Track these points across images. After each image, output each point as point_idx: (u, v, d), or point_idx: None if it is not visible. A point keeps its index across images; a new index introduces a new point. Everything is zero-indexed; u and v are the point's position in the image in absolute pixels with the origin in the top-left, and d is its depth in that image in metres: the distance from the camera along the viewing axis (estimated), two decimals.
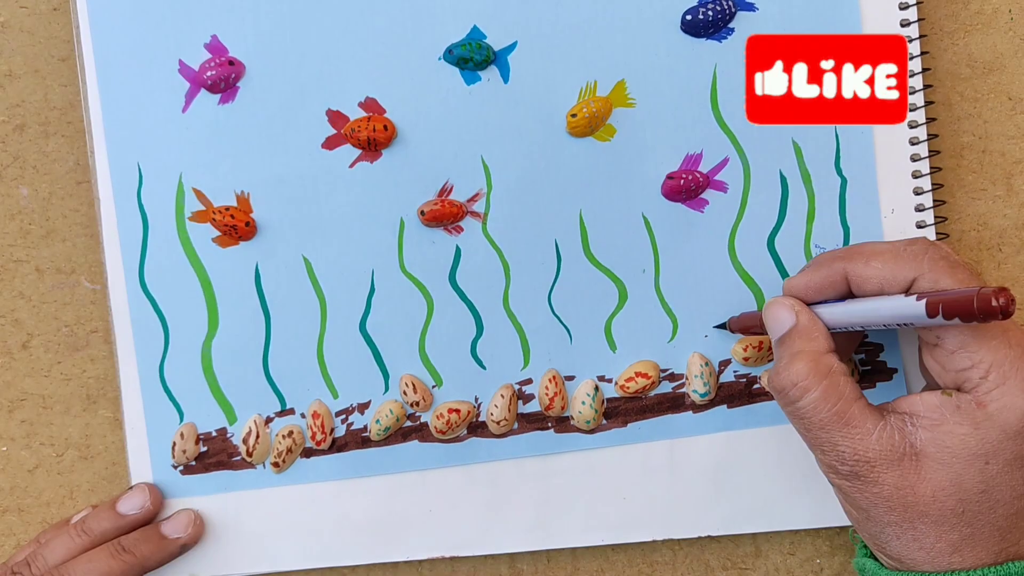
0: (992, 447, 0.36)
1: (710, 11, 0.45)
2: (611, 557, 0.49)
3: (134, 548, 0.45)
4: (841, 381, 0.38)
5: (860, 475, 0.37)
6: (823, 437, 0.38)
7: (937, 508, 0.37)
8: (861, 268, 0.39)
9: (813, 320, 0.40)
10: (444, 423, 0.47)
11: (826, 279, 0.41)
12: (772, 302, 0.42)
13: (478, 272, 0.47)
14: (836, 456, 0.38)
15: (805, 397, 0.38)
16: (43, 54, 0.49)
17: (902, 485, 0.37)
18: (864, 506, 0.38)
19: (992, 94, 0.48)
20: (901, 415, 0.38)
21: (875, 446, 0.37)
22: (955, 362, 0.37)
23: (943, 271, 0.37)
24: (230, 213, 0.46)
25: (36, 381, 0.49)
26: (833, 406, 0.38)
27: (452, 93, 0.46)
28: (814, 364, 0.38)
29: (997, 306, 0.33)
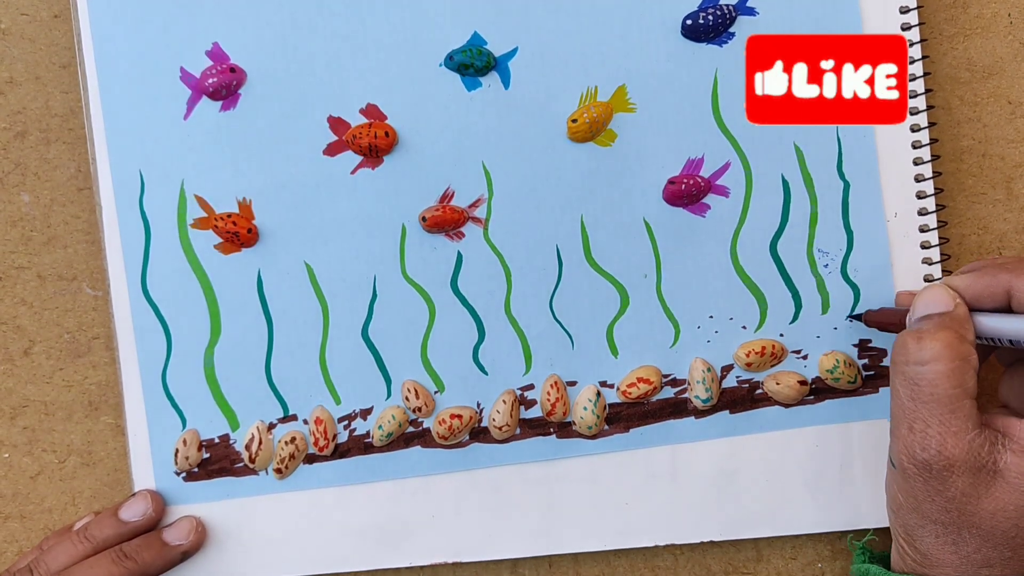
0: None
1: (710, 16, 0.45)
2: (613, 562, 0.49)
3: (136, 555, 0.45)
4: (970, 373, 0.37)
5: (934, 468, 0.37)
6: (923, 413, 0.37)
7: (990, 524, 0.37)
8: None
9: (969, 316, 0.39)
10: (446, 429, 0.47)
11: (987, 289, 0.39)
12: (934, 284, 0.41)
13: (479, 278, 0.47)
14: (922, 438, 0.37)
15: (932, 364, 0.37)
16: (44, 61, 0.49)
17: (969, 493, 0.37)
18: (920, 497, 0.37)
19: (992, 98, 0.48)
20: (995, 432, 0.37)
21: (964, 447, 0.36)
22: None
23: None
24: (232, 220, 0.46)
25: (38, 388, 0.49)
26: (952, 388, 0.37)
27: (453, 99, 0.46)
28: (957, 342, 0.37)
29: None
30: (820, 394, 0.47)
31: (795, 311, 0.47)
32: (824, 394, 0.47)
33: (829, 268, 0.46)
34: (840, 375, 0.46)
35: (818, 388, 0.47)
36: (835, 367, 0.46)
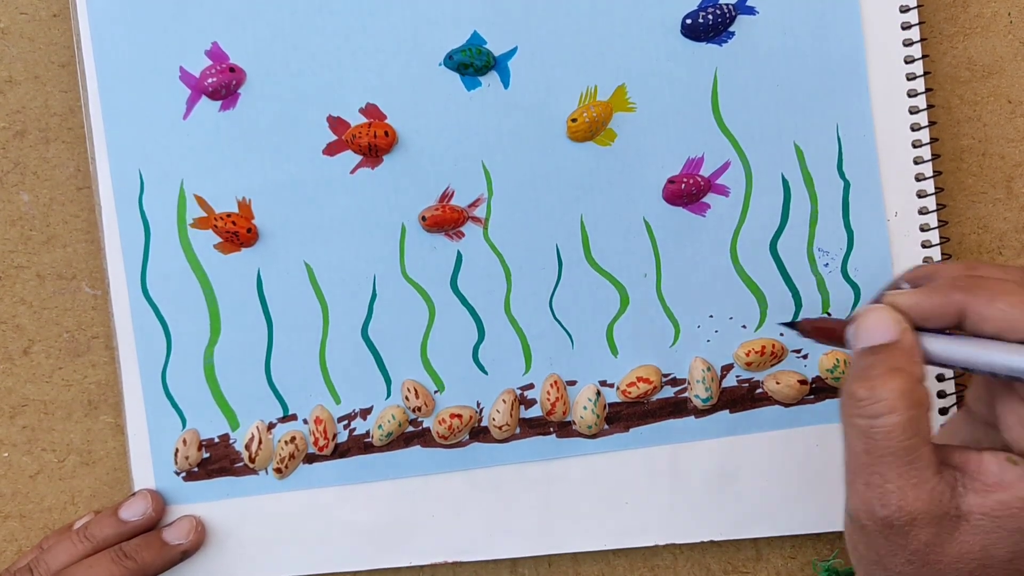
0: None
1: (710, 15, 0.45)
2: (612, 562, 0.49)
3: (135, 554, 0.45)
4: (925, 417, 0.34)
5: (894, 526, 0.34)
6: (880, 468, 0.34)
7: (955, 569, 0.34)
8: (983, 307, 0.34)
9: (916, 343, 0.36)
10: (446, 428, 0.47)
11: (938, 308, 0.36)
12: (876, 307, 0.36)
13: (479, 277, 0.47)
14: (881, 495, 0.34)
15: (886, 416, 0.34)
16: (43, 60, 0.49)
17: (932, 544, 0.34)
18: (882, 553, 0.35)
19: (992, 97, 0.48)
20: (953, 470, 0.34)
21: (925, 498, 0.33)
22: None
23: None
24: (232, 219, 0.46)
25: (37, 387, 0.49)
26: (909, 439, 0.33)
27: (453, 99, 0.46)
28: (910, 388, 0.34)
29: None
30: (820, 393, 0.47)
31: (795, 310, 0.47)
32: (824, 393, 0.47)
33: (829, 267, 0.46)
34: (840, 374, 0.46)
35: (818, 387, 0.47)
36: (835, 366, 0.46)
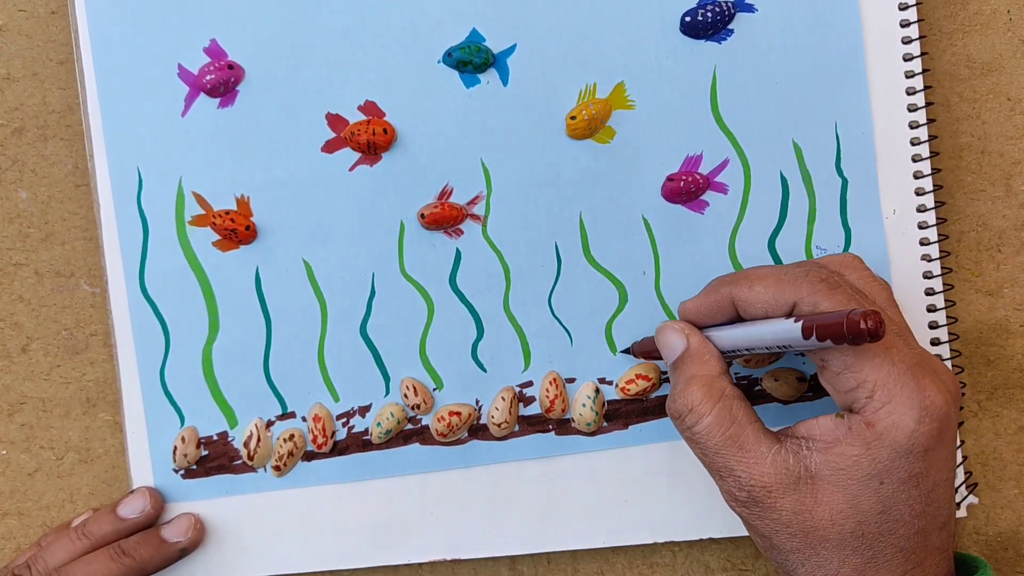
0: (884, 467, 0.36)
1: (709, 13, 0.45)
2: (611, 559, 0.49)
3: (134, 552, 0.45)
4: (734, 405, 0.38)
5: (758, 500, 0.37)
6: (719, 462, 0.38)
7: (836, 532, 0.36)
8: (746, 292, 0.39)
9: (703, 343, 0.40)
10: (445, 426, 0.47)
11: (715, 303, 0.41)
12: (663, 327, 0.42)
13: (478, 275, 0.47)
14: (733, 482, 0.38)
15: (699, 422, 0.38)
16: (41, 57, 0.49)
17: (800, 510, 0.36)
18: (766, 533, 0.38)
19: (991, 95, 0.48)
20: (798, 439, 0.37)
21: (770, 470, 0.37)
22: (842, 383, 0.37)
23: (822, 293, 0.37)
24: (230, 217, 0.46)
25: (36, 384, 0.49)
26: (727, 430, 0.38)
27: (452, 96, 0.46)
28: (707, 388, 0.38)
29: (865, 328, 0.33)
30: (818, 391, 0.47)
31: None
32: (822, 391, 0.47)
33: None
34: None
35: (816, 385, 0.47)
36: None
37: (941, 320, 0.46)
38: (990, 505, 0.49)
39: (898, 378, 0.36)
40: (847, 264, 0.41)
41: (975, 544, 0.49)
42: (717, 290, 0.41)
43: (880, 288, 0.40)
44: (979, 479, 0.49)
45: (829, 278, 0.38)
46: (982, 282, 0.48)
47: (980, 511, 0.49)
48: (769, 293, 0.39)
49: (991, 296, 0.48)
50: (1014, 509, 0.49)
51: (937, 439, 0.36)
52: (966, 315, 0.48)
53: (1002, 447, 0.48)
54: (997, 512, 0.49)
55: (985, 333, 0.48)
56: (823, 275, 0.38)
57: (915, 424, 0.35)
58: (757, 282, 0.39)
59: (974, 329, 0.48)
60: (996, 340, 0.48)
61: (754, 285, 0.39)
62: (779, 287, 0.38)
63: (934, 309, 0.46)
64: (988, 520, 0.49)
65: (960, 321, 0.48)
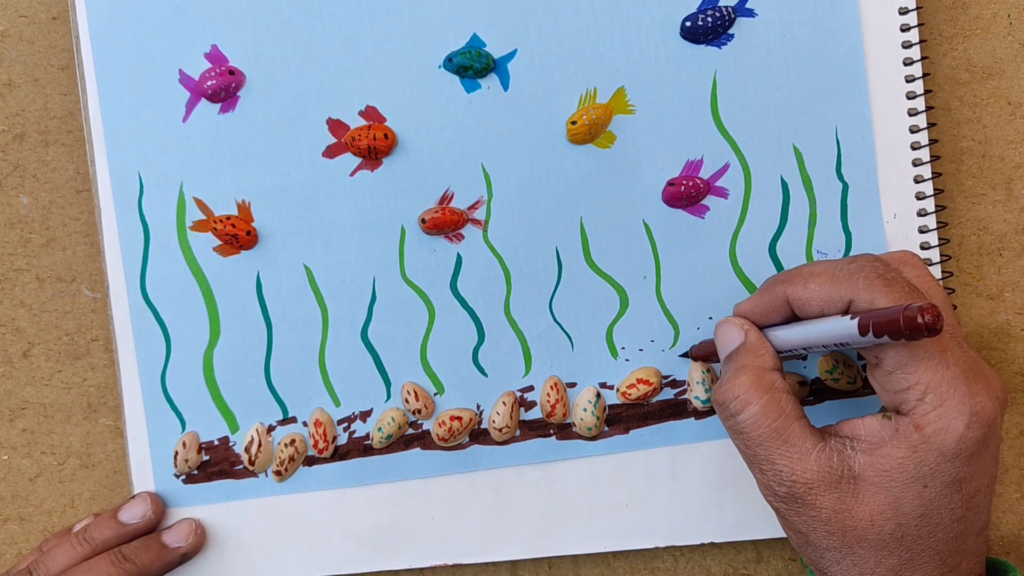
0: (930, 470, 0.36)
1: (709, 17, 0.45)
2: (613, 564, 0.49)
3: (135, 557, 0.45)
4: (783, 398, 0.38)
5: (797, 497, 0.37)
6: (761, 454, 0.38)
7: (876, 532, 0.36)
8: (800, 291, 0.39)
9: (761, 339, 0.40)
10: (446, 430, 0.47)
11: (770, 303, 0.41)
12: (723, 321, 0.42)
13: (479, 279, 0.47)
14: (774, 476, 0.37)
15: (745, 411, 0.38)
16: (43, 63, 0.49)
17: (840, 508, 0.36)
18: (803, 530, 0.37)
19: (991, 99, 0.48)
20: (842, 439, 0.37)
21: (813, 467, 0.37)
22: (894, 383, 0.37)
23: (878, 290, 0.37)
24: (231, 222, 0.46)
25: (37, 390, 0.49)
26: (773, 422, 0.37)
27: (452, 101, 0.46)
28: (757, 378, 0.38)
29: (923, 323, 0.33)
30: (820, 395, 0.47)
31: None
32: (823, 395, 0.47)
33: None
34: (839, 376, 0.46)
35: (817, 389, 0.47)
36: (834, 368, 0.46)
37: None
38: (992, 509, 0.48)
39: (951, 382, 0.35)
40: (905, 261, 0.41)
41: None
42: (771, 290, 0.41)
43: (937, 289, 0.40)
44: None
45: (885, 274, 0.38)
46: (983, 286, 0.48)
47: None
48: (824, 291, 0.38)
49: (992, 300, 0.48)
50: (1016, 513, 0.48)
51: (983, 444, 0.36)
52: (967, 319, 0.48)
53: (1004, 451, 0.48)
54: (999, 516, 0.49)
55: (986, 337, 0.48)
56: (879, 271, 0.38)
57: (964, 429, 0.35)
58: (811, 280, 0.39)
59: (975, 333, 0.48)
60: (997, 344, 0.48)
61: (808, 283, 0.39)
62: (834, 284, 0.38)
63: None
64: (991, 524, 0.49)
65: (961, 325, 0.48)
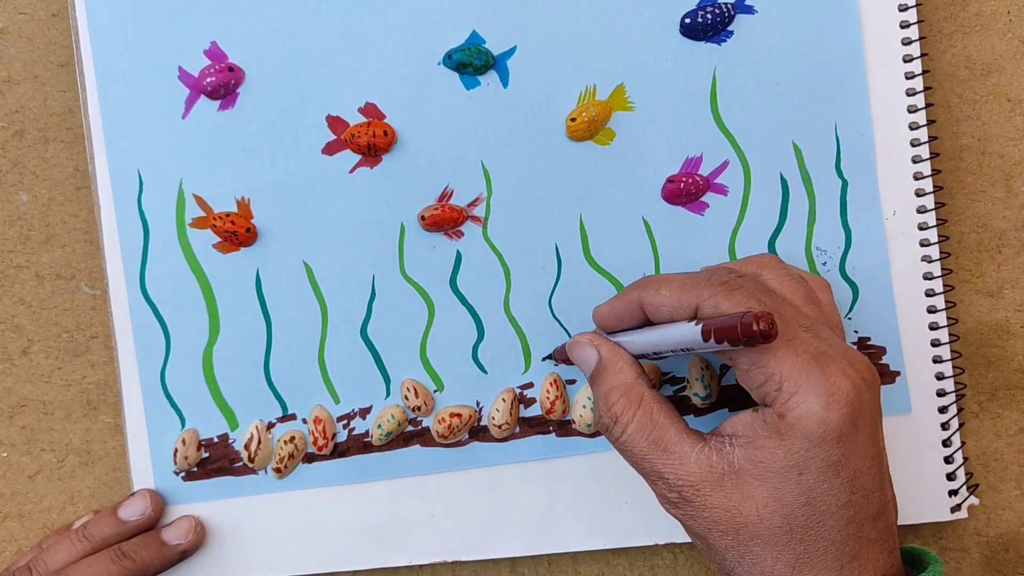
0: (800, 457, 0.36)
1: (709, 14, 0.45)
2: (612, 561, 0.49)
3: (134, 554, 0.45)
4: (655, 409, 0.39)
5: (688, 500, 0.37)
6: (647, 467, 0.38)
7: (765, 527, 0.36)
8: (652, 296, 0.40)
9: (614, 351, 0.41)
10: (446, 427, 0.47)
11: (625, 307, 0.41)
12: (574, 341, 0.43)
13: (479, 276, 0.47)
14: (663, 484, 0.38)
15: (625, 431, 0.39)
16: (42, 60, 0.49)
17: (728, 506, 0.37)
18: (701, 533, 0.38)
19: (991, 96, 0.48)
20: (721, 437, 0.38)
21: (695, 468, 0.37)
22: (752, 379, 0.37)
23: (722, 295, 0.38)
24: (231, 219, 0.46)
25: (36, 387, 0.49)
26: (649, 435, 0.38)
27: (452, 98, 0.46)
28: (626, 397, 0.39)
29: (758, 329, 0.34)
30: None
31: None
32: None
33: (828, 266, 0.46)
34: None
35: None
36: None
37: (941, 321, 0.46)
38: (991, 506, 0.49)
39: (802, 368, 0.36)
40: (764, 264, 0.42)
41: (976, 545, 0.49)
42: (628, 295, 0.42)
43: (795, 286, 0.40)
44: (980, 480, 0.49)
45: (730, 280, 0.38)
46: (982, 283, 0.48)
47: (981, 512, 0.49)
48: (673, 297, 0.39)
49: (991, 297, 0.48)
50: (1015, 510, 0.48)
51: (851, 425, 0.36)
52: (967, 316, 0.48)
53: (1003, 448, 0.48)
54: (998, 513, 0.49)
55: (986, 334, 0.48)
56: (724, 278, 0.39)
57: (823, 411, 0.35)
58: (663, 286, 0.40)
59: (975, 330, 0.48)
60: (997, 341, 0.48)
61: (660, 289, 0.40)
62: (683, 291, 0.39)
63: (934, 310, 0.46)
64: (989, 521, 0.49)
65: (961, 322, 0.48)
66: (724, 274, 0.39)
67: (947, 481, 0.47)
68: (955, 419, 0.47)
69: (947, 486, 0.47)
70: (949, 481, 0.47)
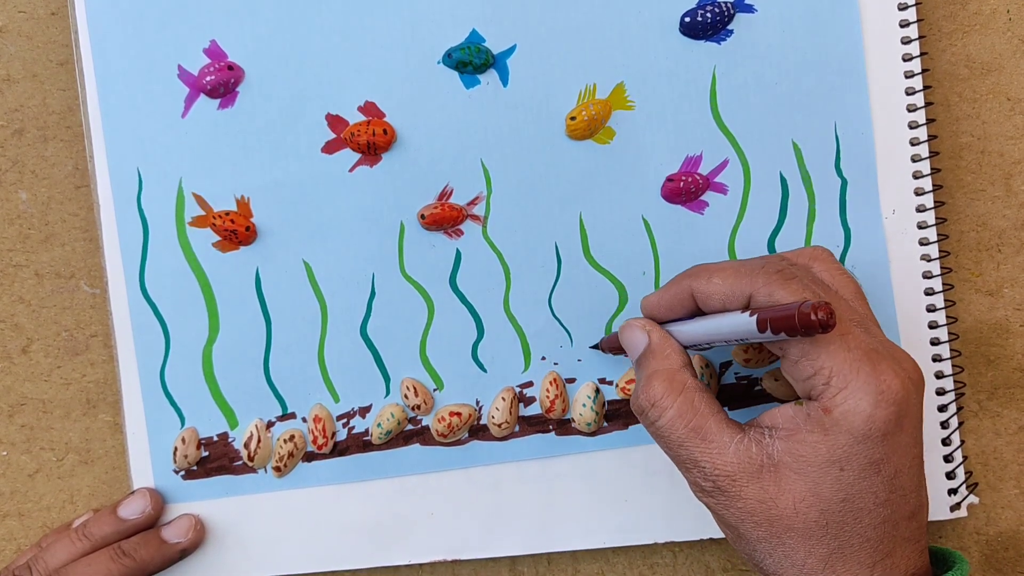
0: (843, 453, 0.36)
1: (709, 13, 0.45)
2: (612, 559, 0.49)
3: (134, 552, 0.45)
4: (696, 397, 0.38)
5: (723, 490, 0.37)
6: (683, 455, 0.38)
7: (801, 521, 0.36)
8: (704, 285, 0.40)
9: (665, 338, 0.41)
10: (445, 426, 0.47)
11: (675, 297, 0.41)
12: (625, 325, 0.42)
13: (478, 275, 0.47)
14: (699, 472, 0.38)
15: (663, 416, 0.38)
16: (42, 58, 0.49)
17: (764, 498, 0.36)
18: (733, 523, 0.38)
19: (991, 95, 0.48)
20: (760, 428, 0.38)
21: (733, 459, 0.37)
22: (800, 371, 0.37)
23: (777, 284, 0.37)
24: (230, 218, 0.46)
25: (36, 385, 0.49)
26: (689, 422, 0.38)
27: (451, 97, 0.46)
28: (668, 382, 0.39)
29: (816, 319, 0.34)
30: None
31: None
32: None
33: None
34: None
35: None
36: None
37: (941, 320, 0.46)
38: (991, 505, 0.49)
39: (853, 364, 0.36)
40: (816, 257, 0.41)
41: (975, 543, 0.49)
42: (678, 284, 0.41)
43: (847, 281, 0.40)
44: (980, 479, 0.49)
45: (785, 269, 0.38)
46: (982, 282, 0.48)
47: (981, 511, 0.49)
48: (726, 285, 0.39)
49: (991, 296, 0.48)
50: (1015, 509, 0.49)
51: (896, 424, 0.36)
52: (966, 315, 0.48)
53: (1002, 447, 0.48)
54: (998, 512, 0.49)
55: (985, 333, 0.48)
56: (780, 266, 0.38)
57: (871, 408, 0.35)
58: (715, 274, 0.39)
59: (974, 329, 0.48)
60: (996, 340, 0.48)
61: (712, 277, 0.39)
62: (736, 279, 0.39)
63: (934, 309, 0.46)
64: (989, 520, 0.49)
65: (960, 321, 0.48)
66: (778, 263, 0.39)
67: (947, 480, 0.47)
68: (954, 418, 0.47)
69: (947, 485, 0.47)
70: (949, 480, 0.47)
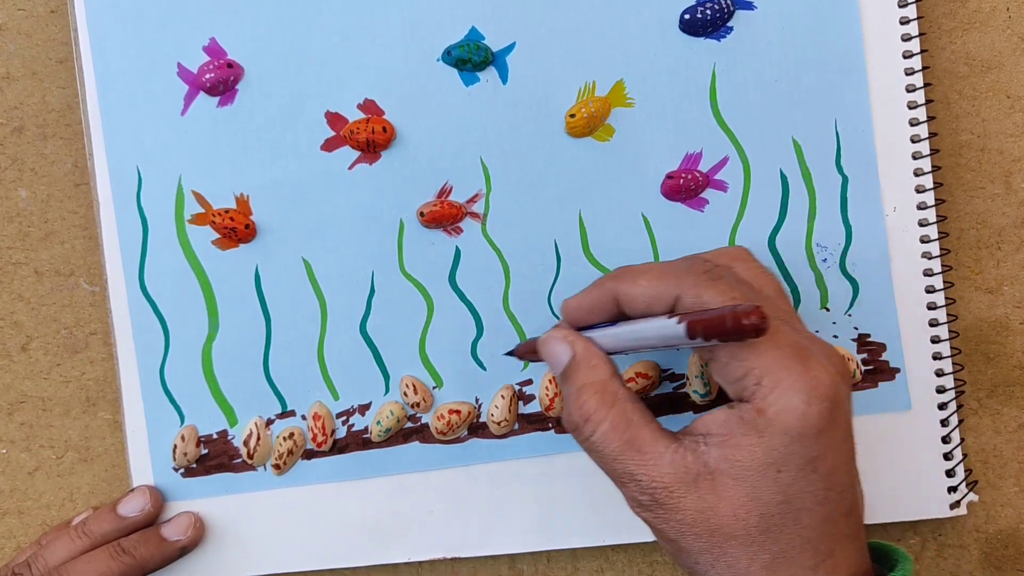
0: (780, 454, 0.35)
1: (708, 10, 0.45)
2: (611, 557, 0.49)
3: (133, 550, 0.45)
4: (628, 408, 0.37)
5: (661, 503, 0.36)
6: (619, 468, 0.37)
7: (741, 527, 0.35)
8: (629, 287, 0.38)
9: (588, 348, 0.39)
10: (445, 424, 0.47)
11: (598, 300, 0.40)
12: (545, 338, 0.41)
13: (478, 273, 0.47)
14: (636, 487, 0.36)
15: (597, 431, 0.37)
16: (41, 56, 0.49)
17: (702, 508, 0.35)
18: (673, 536, 0.36)
19: (990, 92, 0.48)
20: (695, 436, 0.36)
21: (669, 470, 0.36)
22: (730, 373, 0.36)
23: (704, 285, 0.36)
24: (230, 215, 0.46)
25: (35, 383, 0.49)
26: (623, 434, 0.37)
27: (451, 94, 0.46)
28: (600, 394, 0.37)
29: (749, 324, 0.33)
30: None
31: (794, 306, 0.47)
32: None
33: (828, 263, 0.46)
34: None
35: None
36: None
37: (941, 318, 0.46)
38: (990, 503, 0.49)
39: (783, 362, 0.35)
40: (737, 256, 0.40)
41: (975, 542, 0.49)
42: (601, 286, 0.40)
43: (768, 279, 0.40)
44: (979, 477, 0.48)
45: (712, 270, 0.37)
46: (982, 279, 0.48)
47: (980, 509, 0.49)
48: (652, 287, 0.38)
49: (991, 294, 0.48)
50: (1014, 507, 0.48)
51: (829, 420, 0.35)
52: (966, 312, 0.48)
53: (1002, 445, 0.48)
54: (997, 510, 0.49)
55: (985, 331, 0.48)
56: (705, 267, 0.37)
57: (804, 406, 0.34)
58: (640, 276, 0.38)
59: (974, 327, 0.48)
60: (996, 338, 0.48)
61: (638, 279, 0.38)
62: (662, 281, 0.38)
63: (934, 307, 0.46)
64: (988, 518, 0.49)
65: (960, 319, 0.48)
66: (703, 264, 0.38)
67: (946, 478, 0.47)
68: (954, 416, 0.47)
69: (946, 483, 0.47)
70: (948, 478, 0.47)
